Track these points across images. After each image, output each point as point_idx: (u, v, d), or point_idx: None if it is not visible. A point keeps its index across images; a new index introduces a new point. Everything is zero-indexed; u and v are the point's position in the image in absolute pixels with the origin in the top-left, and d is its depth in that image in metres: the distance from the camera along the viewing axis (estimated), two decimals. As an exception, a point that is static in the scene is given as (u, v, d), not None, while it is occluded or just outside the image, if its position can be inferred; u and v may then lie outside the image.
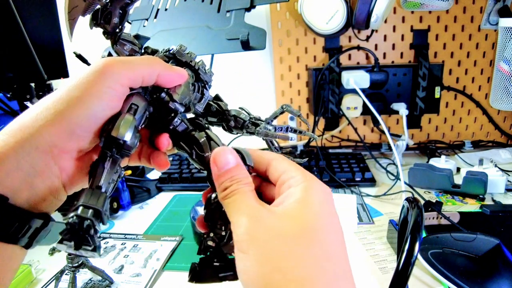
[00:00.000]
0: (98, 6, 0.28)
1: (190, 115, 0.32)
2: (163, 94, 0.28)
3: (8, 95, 0.68)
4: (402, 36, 0.97)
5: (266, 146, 0.34)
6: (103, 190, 0.23)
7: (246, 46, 0.58)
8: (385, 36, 0.97)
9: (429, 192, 0.76)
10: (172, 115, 0.29)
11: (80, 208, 0.21)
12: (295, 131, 0.34)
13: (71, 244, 0.20)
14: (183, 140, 0.29)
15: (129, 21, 0.73)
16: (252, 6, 0.63)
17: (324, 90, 0.97)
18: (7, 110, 0.73)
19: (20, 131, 0.21)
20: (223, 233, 0.26)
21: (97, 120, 0.24)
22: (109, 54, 0.62)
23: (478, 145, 1.02)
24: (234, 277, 0.25)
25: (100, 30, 0.31)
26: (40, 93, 0.66)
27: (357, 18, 0.81)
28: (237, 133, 0.34)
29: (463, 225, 0.58)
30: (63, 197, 0.24)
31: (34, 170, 0.21)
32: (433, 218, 0.61)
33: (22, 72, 0.66)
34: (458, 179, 0.73)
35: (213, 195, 0.28)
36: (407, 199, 0.45)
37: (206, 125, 0.31)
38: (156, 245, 0.62)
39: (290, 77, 1.04)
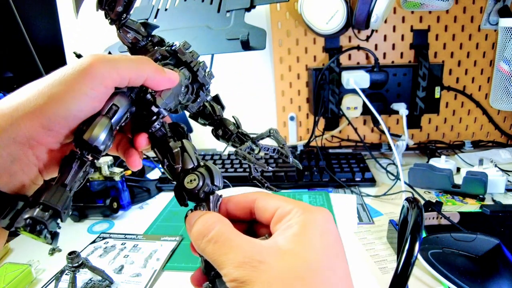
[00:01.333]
0: None
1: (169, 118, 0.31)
2: (148, 96, 0.27)
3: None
4: (402, 36, 0.97)
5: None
6: (67, 188, 0.23)
7: (246, 46, 0.58)
8: (385, 36, 0.97)
9: (429, 192, 0.76)
10: (153, 118, 0.28)
11: (37, 209, 0.21)
12: (281, 154, 0.34)
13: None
14: (158, 147, 0.29)
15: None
16: (252, 6, 0.63)
17: (324, 90, 0.97)
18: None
19: (1, 120, 0.22)
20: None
21: (75, 119, 0.24)
22: (109, 54, 0.62)
23: (478, 145, 1.02)
24: None
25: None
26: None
27: (357, 18, 0.81)
28: (222, 142, 0.34)
29: (463, 225, 0.58)
30: (40, 182, 0.24)
31: (12, 158, 0.22)
32: (433, 218, 0.61)
33: (22, 72, 0.66)
34: (458, 179, 0.73)
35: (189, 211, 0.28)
36: (407, 199, 0.45)
37: (186, 133, 0.30)
38: (156, 245, 0.62)
39: (290, 77, 1.04)
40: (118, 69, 0.24)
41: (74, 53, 0.33)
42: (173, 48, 0.31)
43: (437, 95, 0.96)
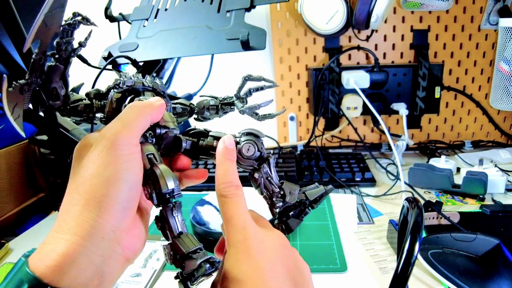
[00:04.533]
0: (37, 89, 0.28)
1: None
2: (158, 130, 0.29)
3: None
4: (402, 36, 0.97)
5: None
6: (184, 232, 0.26)
7: (246, 46, 0.58)
8: (385, 36, 0.97)
9: (429, 192, 0.76)
10: (177, 140, 0.31)
11: (196, 255, 0.25)
12: (257, 89, 0.35)
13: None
14: (199, 153, 0.32)
15: (129, 21, 0.73)
16: (252, 6, 0.62)
17: (324, 90, 0.97)
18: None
19: (80, 227, 0.22)
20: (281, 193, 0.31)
21: (136, 186, 0.25)
22: (109, 54, 0.63)
23: (478, 145, 1.02)
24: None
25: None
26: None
27: (357, 18, 0.81)
28: (213, 118, 0.36)
29: (463, 225, 0.58)
30: (124, 270, 0.26)
31: (103, 259, 0.23)
32: (433, 218, 0.61)
33: (22, 72, 0.65)
34: (458, 179, 0.73)
35: (256, 175, 0.32)
36: (407, 199, 0.45)
37: (203, 129, 0.32)
38: (156, 245, 0.62)
39: (290, 77, 1.04)
40: (134, 128, 0.26)
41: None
42: (121, 86, 0.31)
43: (437, 95, 0.96)
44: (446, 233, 0.52)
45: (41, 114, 0.70)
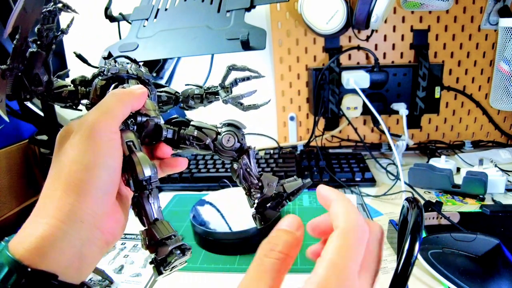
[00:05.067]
0: (19, 74, 0.28)
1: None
2: (139, 118, 0.29)
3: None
4: (402, 36, 0.97)
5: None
6: (160, 219, 0.26)
7: (246, 46, 0.58)
8: (385, 36, 0.97)
9: (429, 192, 0.76)
10: (158, 129, 0.31)
11: (168, 241, 0.25)
12: (243, 79, 0.36)
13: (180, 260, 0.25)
14: (179, 142, 0.31)
15: (129, 21, 0.73)
16: (252, 6, 0.62)
17: (324, 90, 0.97)
18: (7, 110, 0.73)
19: (60, 211, 0.23)
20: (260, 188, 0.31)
21: (116, 172, 0.26)
22: (109, 54, 0.62)
23: (478, 145, 1.02)
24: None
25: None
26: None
27: (357, 18, 0.81)
28: (198, 107, 0.36)
29: (463, 225, 0.58)
30: (104, 254, 0.26)
31: (82, 242, 0.23)
32: (433, 218, 0.61)
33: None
34: (458, 179, 0.73)
35: (235, 165, 0.31)
36: (407, 199, 0.45)
37: (186, 118, 0.33)
38: (156, 245, 0.62)
39: (290, 77, 1.04)
40: (114, 115, 0.26)
41: (74, 53, 0.33)
42: (105, 73, 0.31)
43: (437, 95, 0.96)
44: (446, 233, 0.52)
45: (26, 102, 0.70)
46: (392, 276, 0.33)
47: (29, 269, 0.21)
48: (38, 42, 0.29)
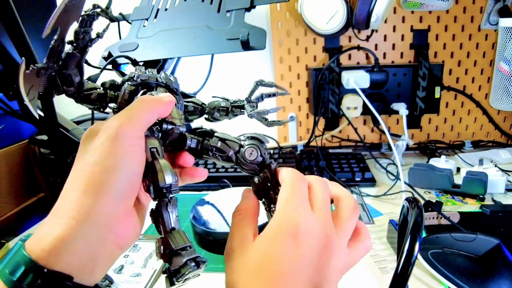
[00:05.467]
0: (53, 74, 0.29)
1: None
2: (164, 126, 0.29)
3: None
4: (402, 36, 0.97)
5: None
6: (176, 229, 0.26)
7: (246, 46, 0.58)
8: (385, 36, 0.97)
9: (429, 192, 0.76)
10: (182, 137, 0.31)
11: (183, 252, 0.25)
12: (269, 95, 0.36)
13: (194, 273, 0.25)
14: (202, 152, 0.32)
15: (129, 21, 0.73)
16: (252, 6, 0.62)
17: (324, 90, 0.97)
18: (7, 110, 0.73)
19: (77, 212, 0.23)
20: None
21: (136, 178, 0.26)
22: (109, 54, 0.63)
23: (478, 145, 1.02)
24: None
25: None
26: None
27: (357, 18, 0.81)
28: (222, 120, 0.36)
29: (463, 225, 0.58)
30: (117, 258, 0.26)
31: (97, 245, 0.23)
32: (433, 218, 0.61)
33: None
34: (458, 179, 0.73)
35: (256, 179, 0.32)
36: (407, 199, 0.45)
37: (210, 129, 0.33)
38: (156, 245, 0.62)
39: (290, 77, 1.04)
40: (139, 120, 0.27)
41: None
42: (135, 79, 0.31)
43: (437, 95, 0.96)
44: (446, 233, 0.52)
45: (54, 98, 0.70)
46: (392, 276, 0.33)
47: (45, 270, 0.21)
48: (74, 44, 0.29)
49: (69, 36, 0.30)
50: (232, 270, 0.27)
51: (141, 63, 0.68)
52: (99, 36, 0.31)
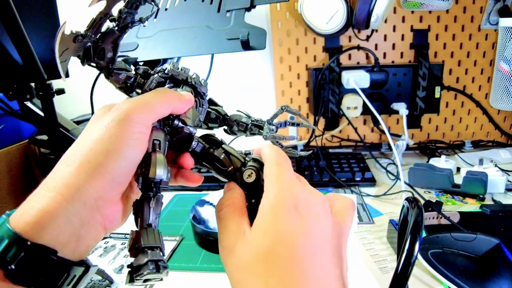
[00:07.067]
0: (89, 44, 0.29)
1: (201, 131, 0.34)
2: (176, 122, 0.29)
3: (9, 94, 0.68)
4: (402, 36, 0.97)
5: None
6: (153, 226, 0.26)
7: (246, 46, 0.58)
8: (385, 36, 0.97)
9: (429, 192, 0.76)
10: (189, 138, 0.31)
11: (149, 252, 0.24)
12: (292, 124, 0.36)
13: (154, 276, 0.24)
14: (204, 159, 0.32)
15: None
16: (252, 6, 0.62)
17: (324, 90, 0.97)
18: (7, 110, 0.73)
19: (66, 188, 0.23)
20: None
21: (134, 165, 0.25)
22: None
23: (478, 145, 1.02)
24: None
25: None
26: (40, 92, 0.66)
27: (357, 18, 0.81)
28: (240, 135, 0.36)
29: (463, 225, 0.58)
30: (101, 239, 0.26)
31: (81, 223, 0.23)
32: (433, 218, 0.61)
33: (22, 71, 0.66)
34: (458, 179, 0.73)
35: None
36: (407, 199, 0.45)
37: (220, 140, 0.33)
38: (156, 245, 0.62)
39: (290, 77, 1.04)
40: (152, 109, 0.26)
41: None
42: (166, 72, 0.32)
43: (437, 95, 0.96)
44: (446, 233, 0.52)
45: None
46: (392, 276, 0.33)
47: (28, 243, 0.21)
48: (116, 22, 0.30)
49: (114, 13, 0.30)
50: (239, 267, 0.25)
51: (141, 63, 0.68)
52: (141, 21, 0.31)
